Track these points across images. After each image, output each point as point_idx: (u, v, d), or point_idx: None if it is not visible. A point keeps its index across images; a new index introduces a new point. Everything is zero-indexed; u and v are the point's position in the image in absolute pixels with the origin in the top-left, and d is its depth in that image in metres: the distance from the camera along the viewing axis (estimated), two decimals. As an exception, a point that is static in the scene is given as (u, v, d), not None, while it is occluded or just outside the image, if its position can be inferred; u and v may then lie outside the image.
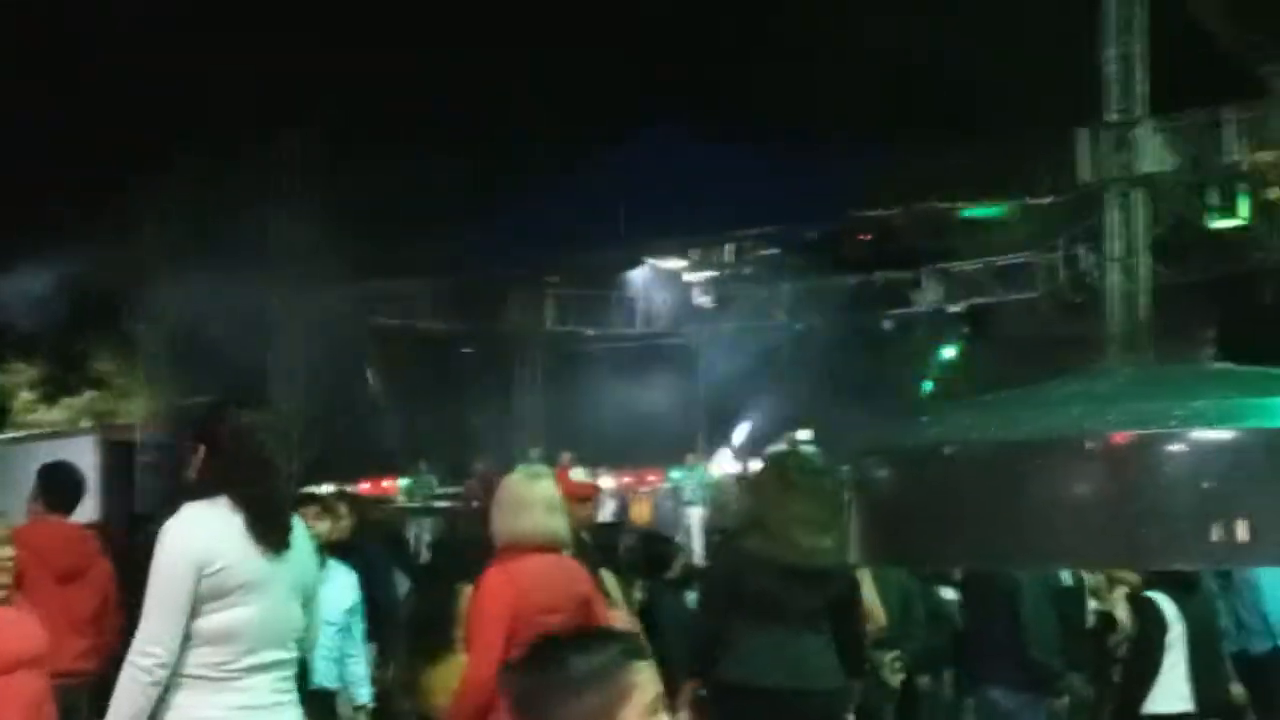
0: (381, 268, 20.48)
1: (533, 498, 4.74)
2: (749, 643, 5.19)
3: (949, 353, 19.78)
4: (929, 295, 20.44)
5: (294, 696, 4.14)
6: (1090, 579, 7.79)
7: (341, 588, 6.06)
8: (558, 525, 4.75)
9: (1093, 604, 7.88)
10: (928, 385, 20.26)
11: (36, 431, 18.21)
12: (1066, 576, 7.38)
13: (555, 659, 2.04)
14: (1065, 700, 7.34)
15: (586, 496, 7.13)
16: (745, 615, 5.24)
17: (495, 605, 4.53)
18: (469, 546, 6.53)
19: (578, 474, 16.38)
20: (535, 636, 2.98)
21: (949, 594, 7.86)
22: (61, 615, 5.90)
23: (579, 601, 4.74)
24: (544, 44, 21.89)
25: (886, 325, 20.79)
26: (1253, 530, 1.36)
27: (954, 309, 20.26)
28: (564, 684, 2.12)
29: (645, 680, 2.28)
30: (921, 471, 1.69)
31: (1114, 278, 17.10)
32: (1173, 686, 6.27)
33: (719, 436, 18.72)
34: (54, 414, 19.47)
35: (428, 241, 20.15)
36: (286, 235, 19.70)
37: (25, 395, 19.48)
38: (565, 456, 17.31)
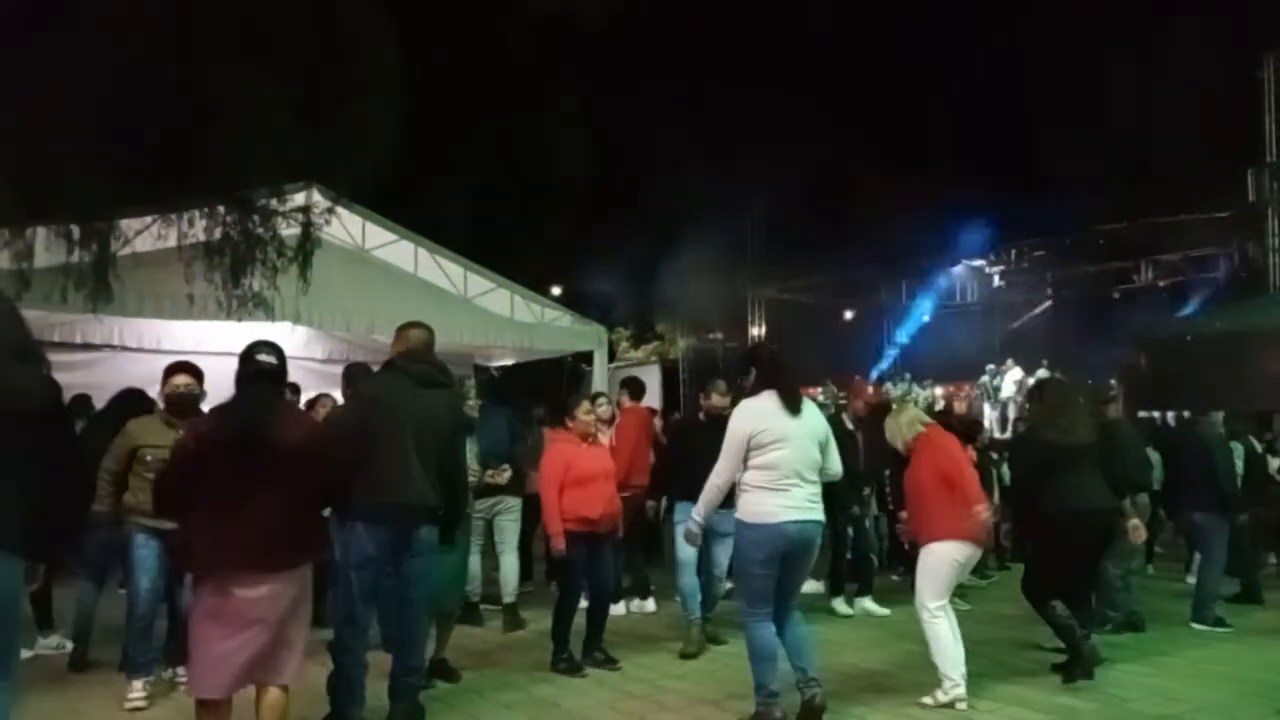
0: (803, 273, 22.38)
1: (912, 419, 5.30)
2: (1060, 486, 5.32)
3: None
4: (1144, 277, 19.93)
5: (819, 505, 4.39)
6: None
7: None
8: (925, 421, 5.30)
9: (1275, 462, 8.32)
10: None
11: (628, 361, 21.36)
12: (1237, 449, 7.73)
13: None
14: (1242, 519, 7.18)
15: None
16: (1054, 472, 5.35)
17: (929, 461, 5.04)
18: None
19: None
20: None
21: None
22: (644, 458, 6.80)
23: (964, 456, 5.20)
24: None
25: (1115, 296, 20.21)
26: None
27: (1161, 284, 19.79)
28: None
29: None
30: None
31: (1273, 260, 16.71)
32: None
33: (1004, 362, 18.38)
34: (637, 353, 22.41)
35: (832, 254, 21.57)
36: (754, 256, 22.35)
37: (624, 343, 22.38)
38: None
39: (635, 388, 7.84)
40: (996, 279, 22.40)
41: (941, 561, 4.90)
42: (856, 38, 22.51)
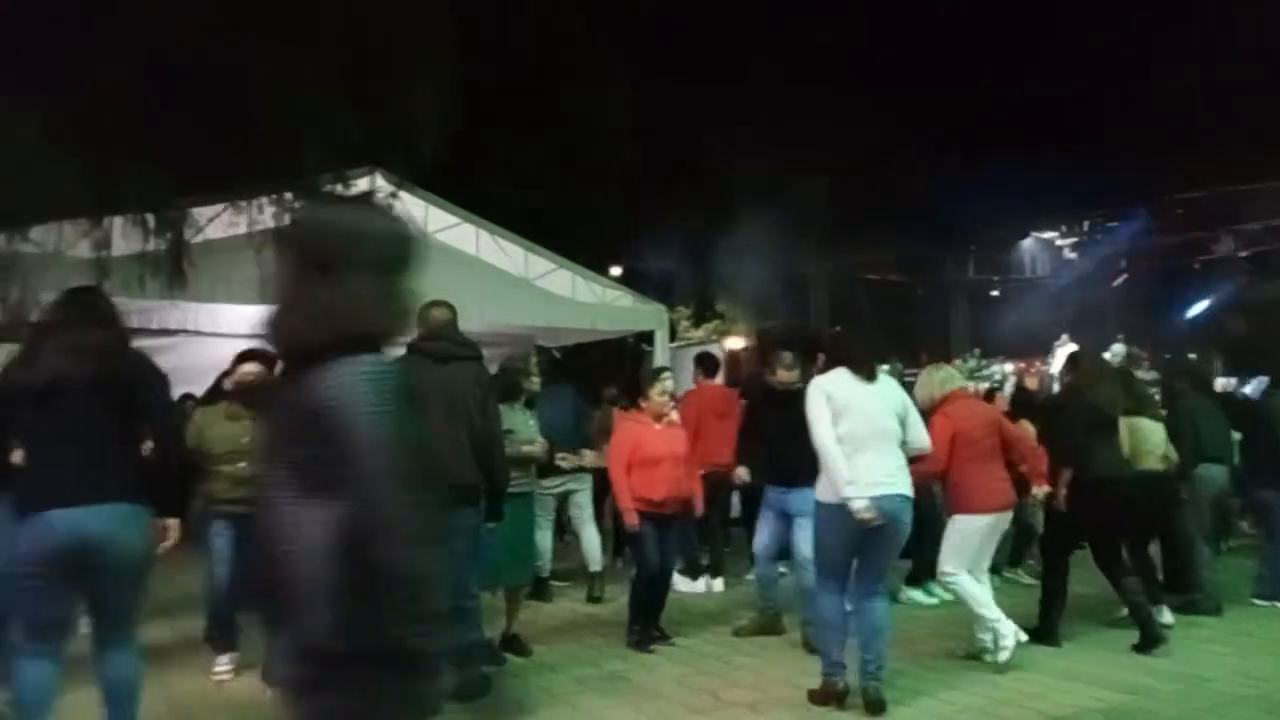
0: (864, 249, 21.92)
1: (947, 377, 5.45)
2: (1097, 454, 5.46)
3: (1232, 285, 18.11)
4: (1224, 247, 19.23)
5: (900, 478, 4.31)
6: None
7: None
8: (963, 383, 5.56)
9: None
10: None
11: (688, 341, 19.67)
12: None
13: None
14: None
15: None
16: (1090, 439, 5.46)
17: (945, 427, 5.08)
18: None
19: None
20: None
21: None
22: (717, 436, 6.71)
23: (991, 421, 5.35)
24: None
25: (1195, 266, 19.60)
26: None
27: (1242, 254, 19.00)
28: None
29: None
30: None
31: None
32: None
33: (1074, 337, 17.16)
34: (698, 333, 20.82)
35: (896, 229, 21.18)
36: (814, 233, 21.85)
37: (684, 322, 21.09)
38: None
39: (709, 364, 7.82)
40: (1068, 251, 21.85)
41: (965, 534, 5.10)
42: (921, 2, 21.93)
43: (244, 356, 4.99)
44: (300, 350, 1.74)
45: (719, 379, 8.02)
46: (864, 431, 4.29)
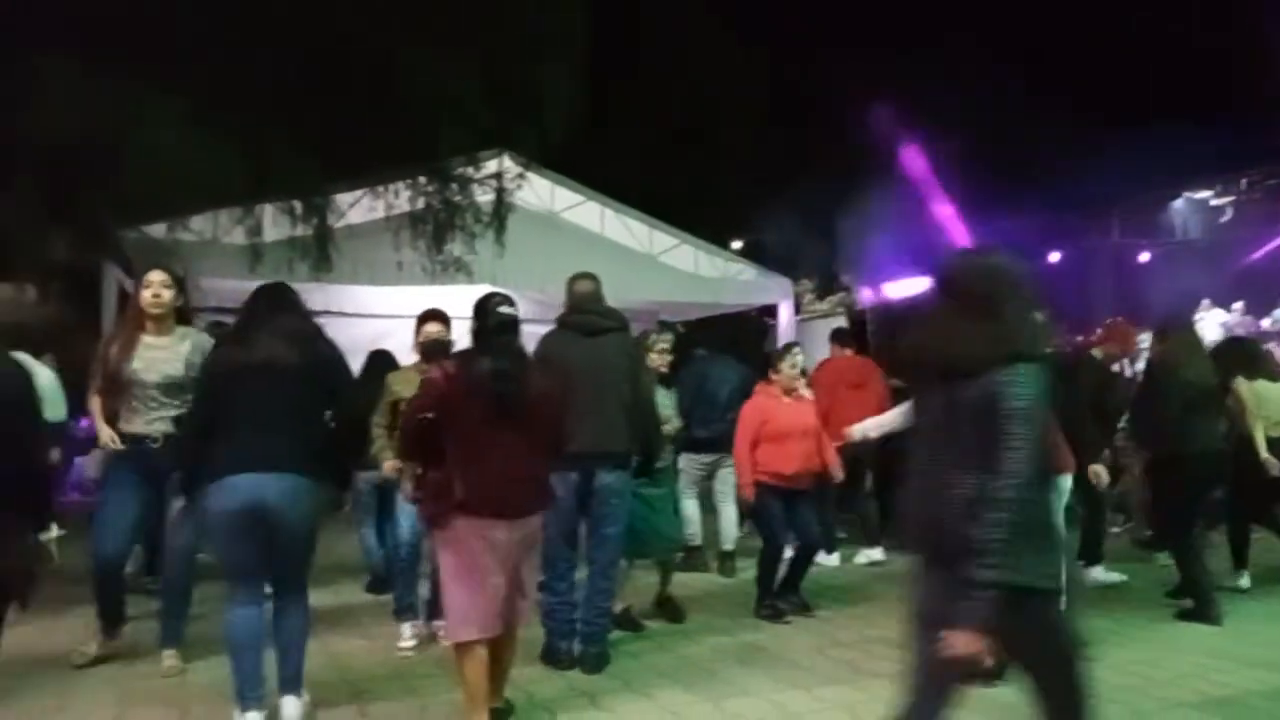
0: (1002, 215, 19.75)
1: None
2: (1200, 428, 5.54)
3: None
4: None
5: None
6: None
7: None
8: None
9: None
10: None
11: (813, 314, 19.80)
12: None
13: None
14: None
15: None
16: (1190, 412, 5.52)
17: None
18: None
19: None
20: None
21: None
22: (852, 408, 6.54)
23: None
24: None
25: None
26: None
27: None
28: None
29: None
30: None
31: None
32: None
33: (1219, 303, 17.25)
34: (822, 305, 20.84)
35: (1033, 193, 19.86)
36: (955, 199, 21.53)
37: (808, 295, 20.87)
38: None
39: (844, 337, 7.83)
40: (1227, 212, 20.41)
41: None
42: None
43: (426, 317, 5.11)
44: (976, 364, 2.34)
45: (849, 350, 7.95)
46: None
